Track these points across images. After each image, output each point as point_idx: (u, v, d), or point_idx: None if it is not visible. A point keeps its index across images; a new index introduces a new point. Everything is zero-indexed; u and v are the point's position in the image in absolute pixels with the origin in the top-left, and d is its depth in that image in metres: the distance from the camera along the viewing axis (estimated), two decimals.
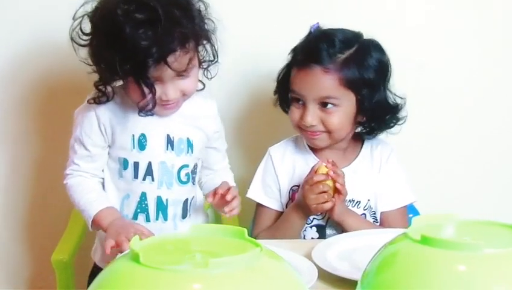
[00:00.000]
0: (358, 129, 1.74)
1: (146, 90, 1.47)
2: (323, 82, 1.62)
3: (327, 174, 1.59)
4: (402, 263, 0.95)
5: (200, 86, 1.64)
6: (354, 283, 1.20)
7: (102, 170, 1.63)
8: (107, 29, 1.45)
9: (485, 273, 0.89)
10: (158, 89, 1.50)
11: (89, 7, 1.52)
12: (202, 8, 1.54)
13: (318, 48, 1.63)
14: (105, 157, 1.61)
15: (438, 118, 2.08)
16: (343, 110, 1.64)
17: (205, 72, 1.62)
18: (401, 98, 1.71)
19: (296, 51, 1.70)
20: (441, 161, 2.13)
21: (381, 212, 1.74)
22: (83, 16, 1.52)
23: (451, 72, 2.09)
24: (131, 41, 1.41)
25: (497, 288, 0.88)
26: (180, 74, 1.50)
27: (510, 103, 2.12)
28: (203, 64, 1.60)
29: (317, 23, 1.71)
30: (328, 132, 1.65)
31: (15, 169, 2.14)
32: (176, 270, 0.83)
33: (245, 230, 0.96)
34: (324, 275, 1.30)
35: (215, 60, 1.61)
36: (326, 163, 1.60)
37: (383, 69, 1.68)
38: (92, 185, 1.61)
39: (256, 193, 1.75)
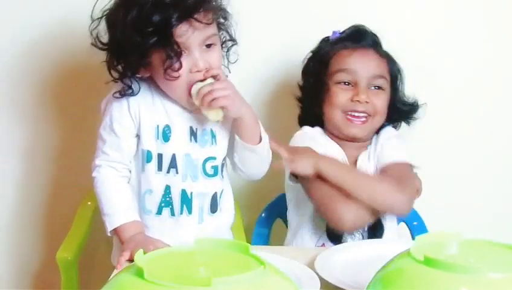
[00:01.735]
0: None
1: (173, 64, 1.46)
2: (378, 62, 1.72)
3: None
4: (405, 284, 0.95)
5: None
6: None
7: (130, 162, 1.60)
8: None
9: None
10: (186, 61, 1.49)
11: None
12: None
13: (369, 35, 1.75)
14: (133, 147, 1.58)
15: (443, 123, 2.07)
16: (385, 95, 1.72)
17: (227, 55, 1.62)
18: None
19: (339, 40, 1.75)
20: (446, 166, 2.11)
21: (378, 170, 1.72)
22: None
23: (458, 76, 2.08)
24: (155, 1, 1.44)
25: None
26: (206, 41, 1.50)
27: None
28: (223, 47, 1.60)
29: (338, 30, 1.78)
30: (373, 114, 1.69)
31: (29, 158, 2.15)
32: (179, 288, 0.84)
33: (249, 246, 0.97)
34: (327, 285, 1.30)
35: (235, 42, 1.62)
36: None
37: (401, 70, 1.79)
38: (120, 187, 1.57)
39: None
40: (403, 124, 1.84)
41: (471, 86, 2.08)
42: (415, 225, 1.91)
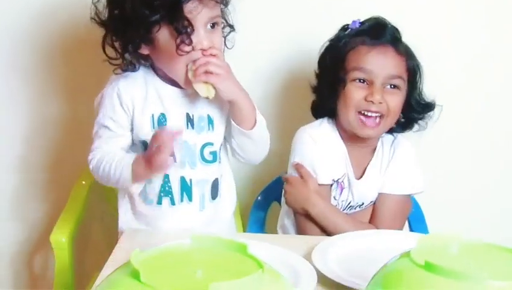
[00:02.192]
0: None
1: (185, 39, 1.45)
2: (397, 61, 1.67)
3: None
4: (404, 288, 0.94)
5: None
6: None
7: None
8: None
9: None
10: (192, 38, 1.48)
11: None
12: None
13: (389, 30, 1.70)
14: (129, 141, 1.58)
15: (445, 121, 2.03)
16: (401, 95, 1.69)
17: (225, 40, 1.62)
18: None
19: (358, 33, 1.70)
20: (447, 161, 2.12)
21: (379, 193, 1.74)
22: None
23: (459, 73, 2.07)
24: None
25: None
26: (211, 21, 1.50)
27: None
28: (223, 32, 1.60)
29: (359, 19, 1.73)
30: (386, 114, 1.66)
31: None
32: None
33: (247, 245, 0.95)
34: (324, 278, 1.29)
35: (233, 29, 1.62)
36: None
37: (420, 66, 1.74)
38: (115, 151, 1.56)
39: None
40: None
41: (473, 83, 2.06)
42: (413, 212, 1.88)
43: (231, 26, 1.62)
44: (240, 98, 1.54)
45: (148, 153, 1.48)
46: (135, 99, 1.56)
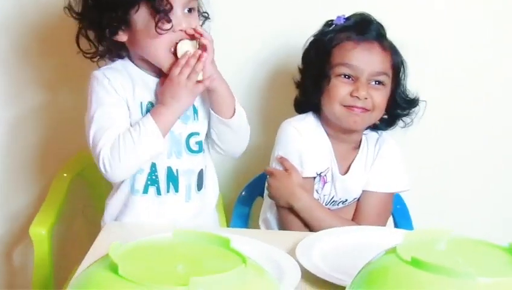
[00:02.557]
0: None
1: (163, 17, 1.45)
2: (382, 57, 1.66)
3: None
4: (390, 284, 0.92)
5: None
6: (339, 286, 1.20)
7: None
8: None
9: None
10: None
11: None
12: None
13: (375, 25, 1.68)
14: (127, 120, 1.53)
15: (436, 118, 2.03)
16: (386, 90, 1.68)
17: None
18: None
19: (343, 28, 1.68)
20: (433, 157, 2.10)
21: (363, 190, 1.73)
22: None
23: (451, 71, 2.05)
24: None
25: None
26: (188, 4, 1.50)
27: None
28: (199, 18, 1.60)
29: (343, 15, 1.71)
30: (371, 109, 1.65)
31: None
32: (155, 287, 0.80)
33: (230, 239, 0.93)
34: (308, 274, 1.27)
35: (208, 17, 1.63)
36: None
37: (404, 62, 1.74)
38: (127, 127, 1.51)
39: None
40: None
41: (458, 78, 2.04)
42: (398, 208, 1.89)
43: (204, 14, 1.62)
44: (219, 86, 1.54)
45: (165, 86, 1.48)
46: (125, 87, 1.54)
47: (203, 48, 1.49)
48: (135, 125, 1.49)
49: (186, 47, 1.49)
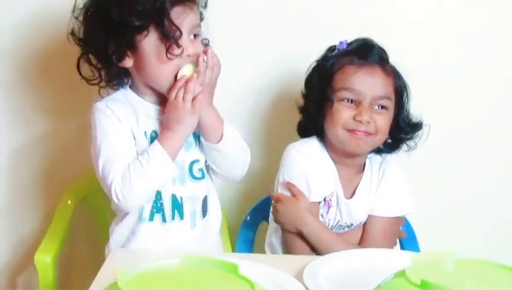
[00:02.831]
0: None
1: (169, 42, 1.46)
2: (384, 81, 1.66)
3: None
4: None
5: None
6: None
7: None
8: None
9: None
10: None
11: None
12: None
13: (377, 50, 1.69)
14: (134, 149, 1.52)
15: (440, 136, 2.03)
16: (388, 115, 1.67)
17: None
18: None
19: (345, 53, 1.69)
20: (439, 177, 2.11)
21: (369, 215, 1.73)
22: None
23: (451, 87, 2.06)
24: None
25: None
26: (194, 30, 1.51)
27: None
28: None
29: (346, 40, 1.72)
30: (374, 134, 1.65)
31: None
32: None
33: (238, 265, 0.92)
34: None
35: (208, 44, 1.62)
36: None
37: (407, 86, 1.73)
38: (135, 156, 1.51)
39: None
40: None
41: (460, 101, 2.06)
42: (403, 230, 1.86)
43: (205, 42, 1.61)
44: (204, 110, 1.53)
45: (168, 111, 1.49)
46: (128, 117, 1.54)
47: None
48: (143, 153, 1.49)
49: (184, 71, 1.50)
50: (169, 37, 1.46)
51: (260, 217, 1.90)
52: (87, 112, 1.57)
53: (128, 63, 1.53)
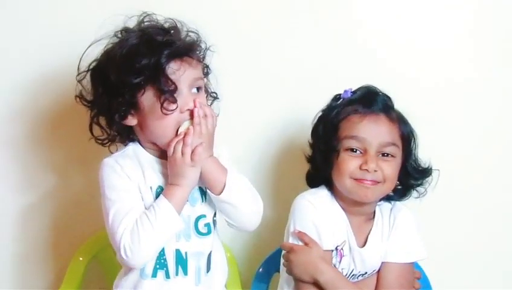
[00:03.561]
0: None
1: (169, 97, 1.48)
2: (390, 129, 1.67)
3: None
4: None
5: None
6: None
7: None
8: (122, 42, 1.53)
9: None
10: (177, 100, 1.50)
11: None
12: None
13: (381, 98, 1.69)
14: (142, 205, 1.53)
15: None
16: (396, 162, 1.67)
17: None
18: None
19: (350, 102, 1.69)
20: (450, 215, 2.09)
21: (382, 262, 1.71)
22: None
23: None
24: (147, 41, 1.49)
25: None
26: (195, 84, 1.53)
27: None
28: (208, 98, 1.64)
29: (350, 88, 1.72)
30: (382, 182, 1.65)
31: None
32: None
33: None
34: None
35: (217, 97, 1.67)
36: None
37: (414, 132, 1.73)
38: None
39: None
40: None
41: (470, 145, 2.06)
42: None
43: (212, 94, 1.65)
44: (205, 162, 1.53)
45: (169, 168, 1.50)
46: (136, 172, 1.55)
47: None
48: (150, 208, 1.50)
49: (182, 128, 1.51)
50: (164, 92, 1.48)
51: (273, 269, 1.88)
52: (96, 168, 1.58)
53: (132, 121, 1.55)
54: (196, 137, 1.49)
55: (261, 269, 1.89)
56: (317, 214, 1.68)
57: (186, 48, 1.53)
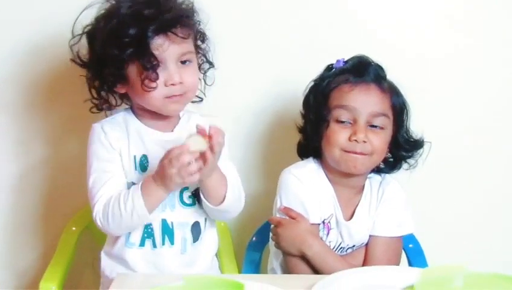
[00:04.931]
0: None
1: (150, 75, 1.47)
2: (380, 99, 1.66)
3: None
4: None
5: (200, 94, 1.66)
6: None
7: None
8: (111, 12, 1.52)
9: None
10: (162, 74, 1.50)
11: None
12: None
13: (372, 68, 1.68)
14: (123, 174, 1.56)
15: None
16: (385, 134, 1.66)
17: (204, 77, 1.65)
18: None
19: (342, 72, 1.69)
20: (447, 195, 2.11)
21: (370, 235, 1.71)
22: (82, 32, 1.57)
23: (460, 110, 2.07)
24: (133, 14, 1.48)
25: None
26: (181, 57, 1.52)
27: None
28: (201, 70, 1.64)
29: (343, 58, 1.72)
30: (370, 154, 1.64)
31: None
32: None
33: (244, 285, 0.91)
34: None
35: (212, 65, 1.66)
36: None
37: (406, 104, 1.72)
38: (120, 191, 1.52)
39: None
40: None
41: (462, 117, 2.06)
42: (411, 248, 1.87)
43: (210, 63, 1.64)
44: (208, 178, 1.51)
45: (159, 167, 1.46)
46: (119, 140, 1.57)
47: (210, 147, 1.45)
48: (126, 195, 1.49)
49: (194, 141, 1.44)
50: (147, 68, 1.47)
51: (266, 238, 1.88)
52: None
53: (122, 89, 1.56)
54: (207, 167, 1.46)
55: (254, 238, 1.89)
56: (303, 188, 1.68)
57: (174, 21, 1.51)
